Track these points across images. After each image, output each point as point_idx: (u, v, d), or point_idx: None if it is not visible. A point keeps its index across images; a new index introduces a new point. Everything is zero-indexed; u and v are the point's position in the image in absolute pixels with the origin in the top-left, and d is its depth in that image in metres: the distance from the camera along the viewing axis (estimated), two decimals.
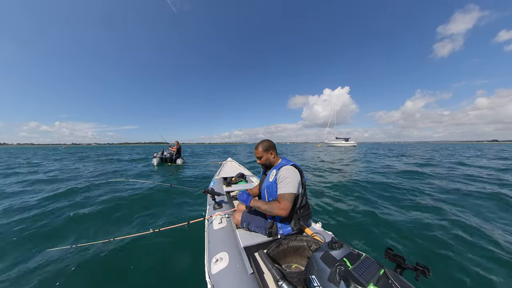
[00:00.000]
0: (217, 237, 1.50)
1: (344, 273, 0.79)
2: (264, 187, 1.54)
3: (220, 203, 2.13)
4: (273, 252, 1.27)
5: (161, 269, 1.96)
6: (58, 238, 2.55)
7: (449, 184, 5.21)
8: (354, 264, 0.82)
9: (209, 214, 1.96)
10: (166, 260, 2.06)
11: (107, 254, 2.15)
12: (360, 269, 0.80)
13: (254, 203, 1.45)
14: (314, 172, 7.55)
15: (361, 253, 0.91)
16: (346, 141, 67.64)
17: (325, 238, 1.37)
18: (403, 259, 0.86)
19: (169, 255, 2.15)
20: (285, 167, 1.41)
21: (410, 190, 4.61)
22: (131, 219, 3.16)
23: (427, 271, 0.79)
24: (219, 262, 1.19)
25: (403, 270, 0.86)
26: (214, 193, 2.10)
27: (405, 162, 10.44)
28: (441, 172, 7.12)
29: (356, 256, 0.88)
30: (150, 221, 3.06)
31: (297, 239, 1.34)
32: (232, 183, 3.12)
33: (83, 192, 4.61)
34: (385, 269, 0.80)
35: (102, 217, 3.22)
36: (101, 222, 3.02)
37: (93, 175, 7.22)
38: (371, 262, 0.84)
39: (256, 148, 1.61)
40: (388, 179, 5.88)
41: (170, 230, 1.85)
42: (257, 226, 1.51)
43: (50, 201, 3.95)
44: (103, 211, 3.42)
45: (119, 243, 2.26)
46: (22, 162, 11.86)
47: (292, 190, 1.32)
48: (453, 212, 3.19)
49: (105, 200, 3.97)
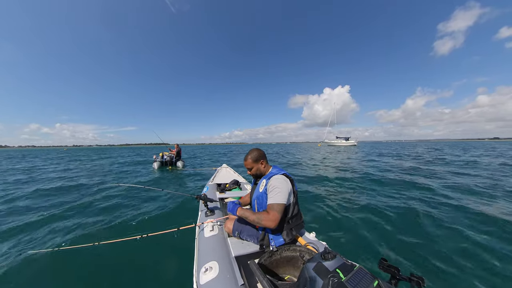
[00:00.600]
0: (208, 245, 1.46)
1: (337, 285, 0.76)
2: (254, 197, 1.50)
3: (212, 209, 2.08)
4: (266, 262, 1.24)
5: (147, 277, 1.89)
6: (40, 240, 2.48)
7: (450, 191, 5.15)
8: (347, 276, 0.80)
9: (201, 221, 1.91)
10: (152, 268, 2.01)
11: (90, 259, 2.09)
12: (354, 280, 0.77)
13: (241, 212, 1.40)
14: (309, 174, 7.48)
15: (355, 264, 0.89)
16: (346, 141, 67.78)
17: (318, 248, 1.34)
18: (397, 270, 0.84)
19: (156, 262, 2.09)
20: (275, 177, 1.38)
21: (407, 196, 4.44)
22: (118, 223, 3.09)
23: (422, 282, 0.77)
24: (208, 272, 1.15)
25: (398, 281, 0.83)
26: (206, 199, 2.05)
27: (401, 165, 10.24)
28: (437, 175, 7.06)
29: (350, 267, 0.85)
30: (138, 226, 3.00)
31: (290, 249, 1.30)
32: (226, 189, 3.08)
33: (70, 196, 4.59)
34: (379, 280, 0.77)
35: (88, 221, 3.16)
36: (86, 226, 2.96)
37: (83, 179, 7.19)
38: (365, 273, 0.81)
39: (245, 159, 1.55)
40: (385, 182, 5.79)
41: (159, 236, 1.79)
42: (249, 235, 1.48)
43: (36, 200, 3.92)
44: (89, 215, 3.38)
45: (103, 248, 2.17)
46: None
47: (281, 200, 1.28)
48: (449, 220, 3.10)
49: (93, 205, 3.94)
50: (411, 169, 8.15)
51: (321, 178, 6.74)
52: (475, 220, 3.01)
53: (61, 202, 4.08)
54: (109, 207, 3.81)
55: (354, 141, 66.60)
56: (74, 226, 2.92)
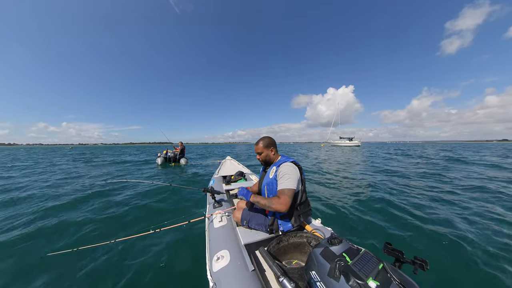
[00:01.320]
0: (218, 235, 1.52)
1: (343, 268, 0.80)
2: (264, 184, 1.56)
3: (220, 201, 2.15)
4: (274, 249, 1.29)
5: (163, 268, 1.98)
6: (57, 242, 2.55)
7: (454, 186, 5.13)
8: (354, 259, 0.84)
9: (209, 213, 1.98)
10: (167, 260, 2.09)
11: (109, 256, 2.17)
12: (359, 263, 0.81)
13: (254, 198, 1.47)
14: (314, 174, 7.54)
15: (360, 248, 0.93)
16: (350, 141, 67.58)
17: (325, 234, 1.39)
18: (401, 253, 0.87)
19: (170, 254, 2.18)
20: (285, 164, 1.44)
21: (409, 186, 4.70)
22: (131, 219, 3.20)
23: (425, 265, 0.80)
24: (220, 260, 1.21)
25: (402, 264, 0.87)
26: (213, 191, 2.12)
27: (402, 161, 10.30)
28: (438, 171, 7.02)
29: (355, 251, 0.89)
30: (150, 221, 3.09)
31: (297, 236, 1.35)
32: (231, 181, 3.15)
33: (81, 194, 4.66)
34: (384, 263, 0.81)
35: (102, 219, 3.25)
36: (101, 224, 3.05)
37: (92, 177, 7.33)
38: (370, 256, 0.85)
39: (256, 144, 1.63)
40: (387, 177, 5.92)
41: (171, 230, 1.87)
42: (257, 223, 1.53)
43: (44, 204, 3.97)
44: (102, 213, 3.46)
45: (121, 245, 2.30)
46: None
47: (291, 186, 1.33)
48: (454, 209, 3.23)
49: (104, 202, 4.03)
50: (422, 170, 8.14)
51: (323, 175, 6.86)
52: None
53: (73, 200, 4.18)
54: (119, 203, 3.90)
55: (358, 142, 66.26)
56: (88, 225, 3.00)
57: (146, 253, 2.21)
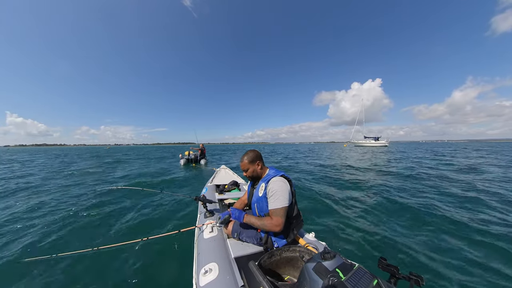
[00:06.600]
0: (207, 246, 1.45)
1: (336, 285, 0.76)
2: (253, 201, 1.50)
3: (211, 211, 2.07)
4: (265, 263, 1.23)
5: (147, 280, 1.87)
6: (35, 247, 2.42)
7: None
8: (347, 275, 0.80)
9: (200, 223, 1.90)
10: (152, 271, 1.99)
11: (89, 264, 2.04)
12: (353, 280, 0.78)
13: (247, 218, 1.41)
14: (315, 182, 7.14)
15: (354, 263, 0.89)
16: (375, 141, 60.40)
17: (318, 248, 1.34)
18: (396, 269, 0.84)
19: (156, 265, 2.07)
20: (274, 180, 1.37)
21: (413, 194, 4.42)
22: (119, 227, 3.04)
23: (420, 281, 0.77)
24: (208, 274, 1.14)
25: (397, 280, 0.84)
26: (205, 200, 2.05)
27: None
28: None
29: (349, 267, 0.86)
30: (139, 229, 2.96)
31: (290, 250, 1.30)
32: (225, 190, 3.07)
33: (64, 200, 4.48)
34: (379, 279, 0.78)
35: (86, 225, 3.09)
36: (85, 231, 2.90)
37: (93, 181, 7.06)
38: (364, 272, 0.82)
39: (241, 161, 1.55)
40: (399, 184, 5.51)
41: (159, 239, 1.78)
42: (249, 236, 1.47)
43: (27, 211, 3.78)
44: (86, 219, 3.31)
45: (104, 253, 2.16)
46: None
47: (283, 204, 1.29)
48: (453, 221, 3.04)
49: (91, 208, 3.87)
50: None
51: (330, 181, 6.57)
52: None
53: (68, 204, 4.01)
54: (108, 210, 3.74)
55: (385, 141, 57.91)
56: (69, 233, 2.84)
57: (130, 262, 2.09)
